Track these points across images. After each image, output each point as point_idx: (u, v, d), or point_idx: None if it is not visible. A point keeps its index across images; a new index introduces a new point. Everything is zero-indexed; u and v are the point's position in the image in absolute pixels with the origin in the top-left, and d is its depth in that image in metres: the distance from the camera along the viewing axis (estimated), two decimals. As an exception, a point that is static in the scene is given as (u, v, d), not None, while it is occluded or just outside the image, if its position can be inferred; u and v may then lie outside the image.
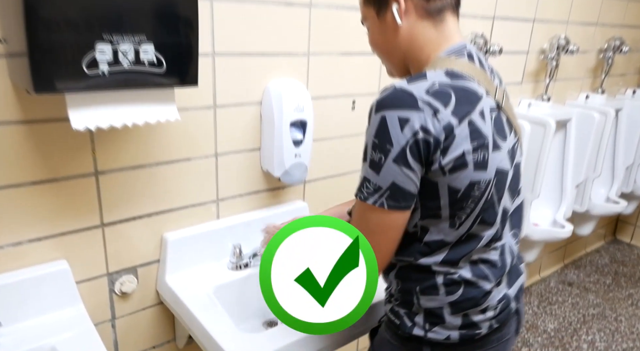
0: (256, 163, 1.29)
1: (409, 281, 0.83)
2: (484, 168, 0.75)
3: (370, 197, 0.74)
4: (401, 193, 0.73)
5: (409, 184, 0.73)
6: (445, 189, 0.75)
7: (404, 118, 0.70)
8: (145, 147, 1.08)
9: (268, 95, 1.22)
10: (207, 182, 1.21)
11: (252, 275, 1.21)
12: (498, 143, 0.78)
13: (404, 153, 0.71)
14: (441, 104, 0.71)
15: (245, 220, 1.27)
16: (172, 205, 1.17)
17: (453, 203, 0.76)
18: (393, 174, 0.72)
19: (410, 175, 0.72)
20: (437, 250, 0.80)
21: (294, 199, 1.40)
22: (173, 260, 1.16)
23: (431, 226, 0.79)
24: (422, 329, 0.82)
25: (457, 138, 0.71)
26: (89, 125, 0.82)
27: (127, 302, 1.16)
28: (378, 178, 0.73)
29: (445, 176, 0.74)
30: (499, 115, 0.80)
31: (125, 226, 1.10)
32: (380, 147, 0.72)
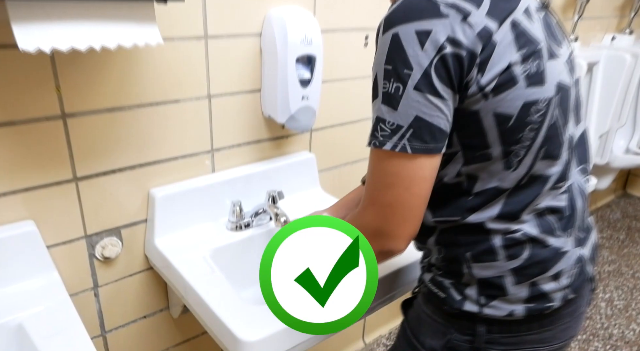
0: (256, 107, 1.10)
1: (455, 247, 0.67)
2: (540, 82, 0.58)
3: (388, 140, 0.58)
4: (428, 130, 0.57)
5: (438, 118, 0.57)
6: (490, 119, 0.58)
7: (424, 30, 0.54)
8: (123, 84, 0.89)
9: (269, 25, 1.02)
10: (200, 128, 1.03)
11: (255, 236, 1.06)
12: (554, 50, 0.61)
13: (427, 76, 0.55)
14: (472, 4, 0.55)
15: (244, 173, 1.10)
16: (159, 156, 0.99)
17: (505, 137, 0.59)
18: (416, 106, 0.56)
19: (439, 105, 0.56)
20: (491, 202, 0.63)
21: (299, 150, 1.23)
22: (162, 220, 0.99)
23: (480, 172, 0.62)
24: (475, 304, 0.66)
25: (498, 46, 0.55)
26: (42, 46, 0.63)
27: (112, 268, 1.01)
28: (396, 114, 0.57)
29: (487, 100, 0.57)
30: (548, 16, 0.64)
31: (103, 180, 0.93)
32: (396, 74, 0.56)
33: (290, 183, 1.19)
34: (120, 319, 1.06)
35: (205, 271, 0.91)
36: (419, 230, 0.63)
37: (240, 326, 0.76)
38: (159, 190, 0.99)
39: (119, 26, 0.69)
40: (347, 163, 1.37)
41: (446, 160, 0.64)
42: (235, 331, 0.75)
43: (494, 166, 0.61)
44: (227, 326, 0.76)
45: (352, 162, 1.38)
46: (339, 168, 1.35)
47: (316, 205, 1.18)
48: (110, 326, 1.05)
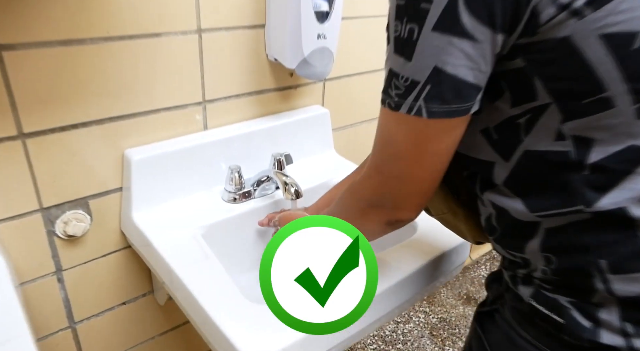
0: (259, 48, 0.87)
1: (579, 254, 0.46)
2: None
3: (402, 101, 0.44)
4: (451, 84, 0.42)
5: (466, 68, 0.41)
6: (595, 44, 0.38)
7: None
8: (84, 8, 0.66)
9: None
10: (188, 73, 0.80)
11: (258, 209, 0.85)
12: None
13: (452, 9, 0.39)
14: None
15: (244, 131, 0.88)
16: (135, 108, 0.77)
17: (631, 66, 0.39)
18: (435, 53, 0.41)
19: (467, 51, 0.40)
20: (629, 175, 0.42)
21: (310, 103, 1.01)
22: (141, 189, 0.78)
23: (596, 129, 0.42)
24: (619, 334, 0.45)
25: None
26: None
27: (78, 248, 0.80)
28: (410, 66, 0.43)
29: (584, 19, 0.38)
30: None
31: (62, 138, 0.71)
32: (410, 10, 0.41)
33: (300, 144, 0.97)
34: (94, 307, 0.87)
35: (197, 256, 0.71)
36: (509, 230, 0.47)
37: (246, 341, 0.57)
38: (137, 151, 0.78)
39: None
40: (364, 121, 1.15)
41: (530, 119, 0.43)
42: (240, 347, 0.56)
43: (620, 116, 0.41)
44: (230, 340, 0.57)
45: (370, 119, 1.16)
46: (355, 126, 1.14)
47: (331, 170, 0.97)
48: (81, 316, 0.86)
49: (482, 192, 0.52)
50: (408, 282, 0.71)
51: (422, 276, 0.73)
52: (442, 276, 0.77)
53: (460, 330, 1.54)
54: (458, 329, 1.54)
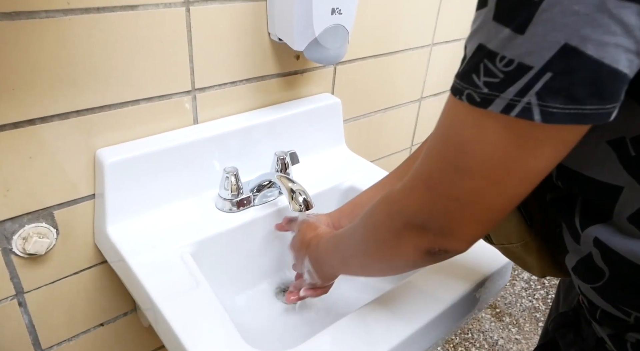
0: (260, 25, 0.72)
1: None
2: None
3: (496, 94, 0.30)
4: (590, 74, 0.28)
5: (617, 48, 0.27)
6: None
7: None
8: (34, -29, 0.51)
9: None
10: (173, 55, 0.66)
11: (258, 219, 0.72)
12: None
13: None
14: None
15: (242, 125, 0.74)
16: (108, 99, 0.62)
17: None
18: (569, 24, 0.27)
19: (626, 21, 0.26)
20: None
21: (319, 91, 0.87)
22: (117, 196, 0.65)
23: None
24: None
25: None
26: None
27: (42, 266, 0.67)
28: (520, 42, 0.29)
29: None
30: None
31: (15, 136, 0.57)
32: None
33: (307, 139, 0.83)
34: (65, 331, 0.74)
35: (186, 284, 0.58)
36: (622, 280, 0.35)
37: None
38: (111, 151, 0.64)
39: None
40: (379, 110, 1.01)
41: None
42: None
43: None
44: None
45: (384, 109, 1.02)
46: (369, 117, 1.00)
47: (343, 170, 0.84)
48: (49, 342, 0.73)
49: (584, 225, 0.39)
50: (447, 315, 0.58)
51: (462, 306, 0.60)
52: (483, 302, 0.64)
53: (473, 335, 1.43)
54: (471, 334, 1.44)
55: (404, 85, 1.03)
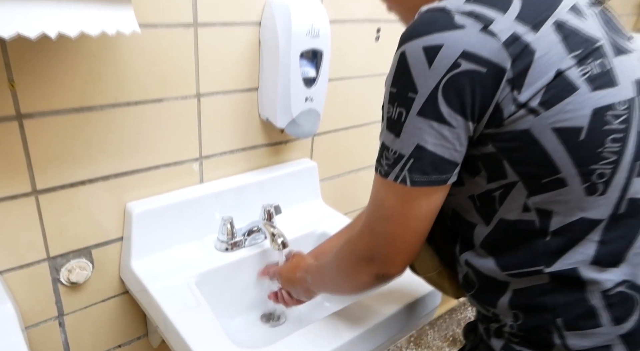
0: (253, 109, 0.96)
1: (540, 312, 0.53)
2: (609, 83, 0.47)
3: (391, 170, 0.52)
4: (431, 160, 0.49)
5: (442, 147, 0.49)
6: (550, 136, 0.46)
7: (433, 46, 0.46)
8: (95, 80, 0.74)
9: (270, 13, 0.87)
10: (186, 133, 0.88)
11: (247, 258, 0.92)
12: (622, 44, 0.50)
13: (433, 100, 0.47)
14: (496, 10, 0.46)
15: (237, 184, 0.96)
16: (137, 165, 0.84)
17: (579, 155, 0.47)
18: (418, 134, 0.49)
19: (444, 133, 0.48)
20: (580, 241, 0.50)
21: (299, 157, 1.09)
22: (141, 239, 0.85)
23: (554, 204, 0.49)
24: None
25: (538, 54, 0.45)
26: (-23, 33, 0.48)
27: (80, 293, 0.86)
28: (398, 142, 0.50)
29: (539, 116, 0.46)
30: (604, 11, 0.53)
31: (70, 193, 0.78)
32: (400, 98, 0.49)
33: (289, 195, 1.05)
34: (91, 349, 0.92)
35: (190, 303, 0.77)
36: (483, 288, 0.56)
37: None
38: (137, 205, 0.85)
39: (82, 8, 0.54)
40: (351, 171, 1.23)
41: (503, 193, 0.51)
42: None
43: (572, 194, 0.48)
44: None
45: (357, 170, 1.24)
46: (342, 176, 1.22)
47: (317, 220, 1.04)
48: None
49: (460, 252, 0.59)
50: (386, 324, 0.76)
51: (398, 320, 0.78)
52: (418, 319, 0.82)
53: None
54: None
55: (374, 150, 1.25)
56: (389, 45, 1.13)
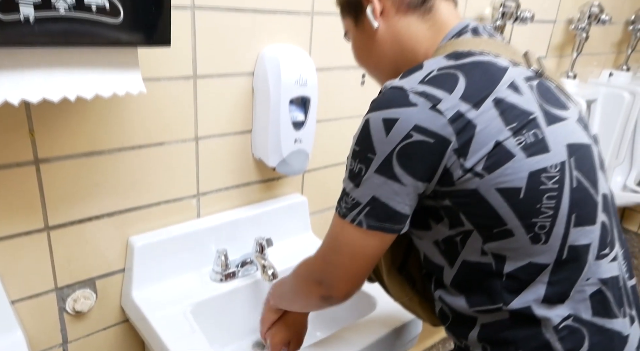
0: (246, 149, 1.04)
1: (504, 345, 0.60)
2: (543, 150, 0.55)
3: (349, 212, 0.60)
4: (385, 211, 0.58)
5: (396, 201, 0.57)
6: (495, 195, 0.55)
7: (391, 118, 0.55)
8: (103, 127, 0.83)
9: (262, 65, 0.97)
10: (185, 172, 0.97)
11: (240, 287, 0.98)
12: (555, 113, 0.59)
13: (388, 162, 0.56)
14: (443, 91, 0.55)
15: (232, 218, 1.03)
16: (140, 202, 0.92)
17: (520, 210, 0.55)
18: (374, 187, 0.57)
19: (397, 190, 0.57)
20: (532, 282, 0.58)
21: (290, 192, 1.17)
22: (141, 271, 0.92)
23: (506, 250, 0.57)
24: None
25: (479, 128, 0.54)
26: (8, 98, 0.57)
27: (83, 322, 0.93)
28: (357, 191, 0.59)
29: (483, 178, 0.54)
30: (543, 82, 0.61)
31: (78, 229, 0.86)
32: (361, 156, 0.58)
33: (281, 228, 1.12)
34: (92, 376, 0.98)
35: (185, 331, 0.83)
36: (455, 322, 0.64)
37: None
38: (139, 238, 0.92)
39: (97, 74, 0.63)
40: (340, 205, 1.30)
41: (463, 238, 0.59)
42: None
43: (519, 242, 0.57)
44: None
45: (346, 203, 1.32)
46: (331, 210, 1.28)
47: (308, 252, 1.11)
48: (80, 384, 0.96)
49: (434, 290, 0.67)
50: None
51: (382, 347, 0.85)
52: (402, 346, 0.89)
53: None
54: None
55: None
56: (374, 88, 1.22)
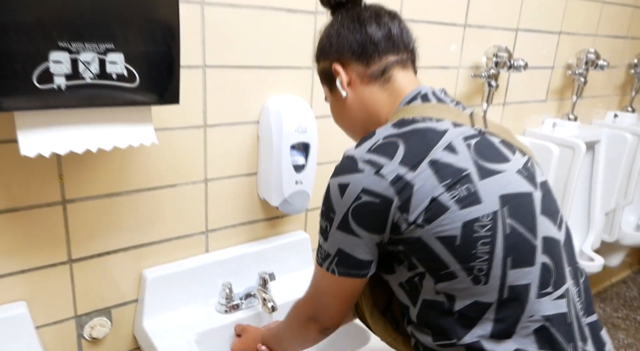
0: (252, 190, 1.14)
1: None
2: (475, 202, 0.62)
3: (324, 262, 0.70)
4: (350, 260, 0.68)
5: (358, 252, 0.67)
6: (436, 242, 0.63)
7: (344, 183, 0.66)
8: (123, 171, 0.94)
9: (266, 114, 1.08)
10: (195, 211, 1.06)
11: (243, 319, 1.06)
12: (490, 168, 0.66)
13: (346, 219, 0.66)
14: (385, 158, 0.65)
15: (237, 254, 1.12)
16: (153, 238, 1.02)
17: (458, 255, 0.62)
18: (338, 241, 0.68)
19: (357, 243, 0.66)
20: (479, 319, 0.64)
21: (294, 229, 1.25)
22: (152, 301, 1.01)
23: (454, 290, 0.64)
24: None
25: (416, 187, 0.62)
26: (41, 151, 0.68)
27: (99, 348, 1.01)
28: (327, 245, 0.69)
29: (424, 228, 0.62)
30: (484, 139, 0.69)
31: (97, 262, 0.96)
32: (326, 215, 0.69)
33: (284, 263, 1.20)
34: (105, 401, 1.05)
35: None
36: None
37: None
38: (151, 271, 1.01)
39: (115, 129, 0.74)
40: (343, 241, 1.38)
41: (419, 279, 0.66)
42: None
43: (463, 283, 0.63)
44: None
45: (349, 240, 1.39)
46: (335, 246, 1.36)
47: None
48: (94, 408, 1.04)
49: (407, 325, 0.74)
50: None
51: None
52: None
53: None
54: None
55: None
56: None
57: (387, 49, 0.73)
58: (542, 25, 1.70)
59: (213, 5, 0.95)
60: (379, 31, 0.72)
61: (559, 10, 1.74)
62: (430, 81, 1.39)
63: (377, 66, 0.74)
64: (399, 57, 0.74)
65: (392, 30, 0.73)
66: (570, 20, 1.78)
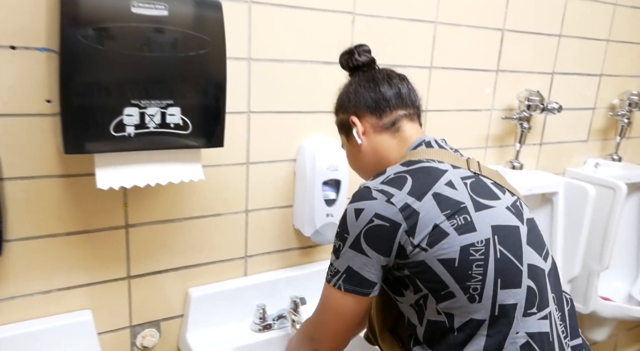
0: (288, 220, 1.26)
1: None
2: (471, 229, 0.72)
3: (332, 278, 0.78)
4: (357, 277, 0.75)
5: (365, 271, 0.75)
6: (437, 264, 0.71)
7: (359, 208, 0.75)
8: (177, 201, 1.09)
9: (302, 153, 1.20)
10: (236, 238, 1.20)
11: (274, 338, 1.16)
12: (484, 202, 0.75)
13: (358, 240, 0.74)
14: (395, 189, 0.74)
15: (272, 278, 1.23)
16: (199, 260, 1.16)
17: (457, 276, 0.71)
18: (348, 259, 0.75)
19: (365, 262, 0.74)
20: (474, 335, 0.71)
21: (324, 258, 1.35)
22: (195, 317, 1.14)
23: (453, 309, 0.72)
24: None
25: (422, 214, 0.72)
26: (113, 185, 0.84)
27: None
28: (337, 262, 0.77)
29: (427, 251, 0.71)
30: (479, 180, 0.79)
31: (151, 279, 1.11)
32: (340, 235, 0.77)
33: (315, 289, 1.29)
34: (151, 404, 1.18)
35: (223, 370, 1.02)
36: None
37: None
38: (196, 290, 1.15)
39: (170, 167, 0.90)
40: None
41: (424, 301, 0.74)
42: None
43: (460, 301, 0.71)
44: None
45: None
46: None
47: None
48: (141, 410, 1.17)
49: (413, 346, 0.81)
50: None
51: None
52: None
53: None
54: None
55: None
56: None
57: (397, 105, 0.84)
58: (581, 68, 1.73)
59: (258, 61, 1.10)
60: (390, 90, 0.84)
61: (599, 54, 1.77)
62: (463, 123, 1.48)
63: (389, 118, 0.85)
64: (407, 111, 0.86)
65: (401, 90, 0.84)
66: (612, 63, 1.80)
